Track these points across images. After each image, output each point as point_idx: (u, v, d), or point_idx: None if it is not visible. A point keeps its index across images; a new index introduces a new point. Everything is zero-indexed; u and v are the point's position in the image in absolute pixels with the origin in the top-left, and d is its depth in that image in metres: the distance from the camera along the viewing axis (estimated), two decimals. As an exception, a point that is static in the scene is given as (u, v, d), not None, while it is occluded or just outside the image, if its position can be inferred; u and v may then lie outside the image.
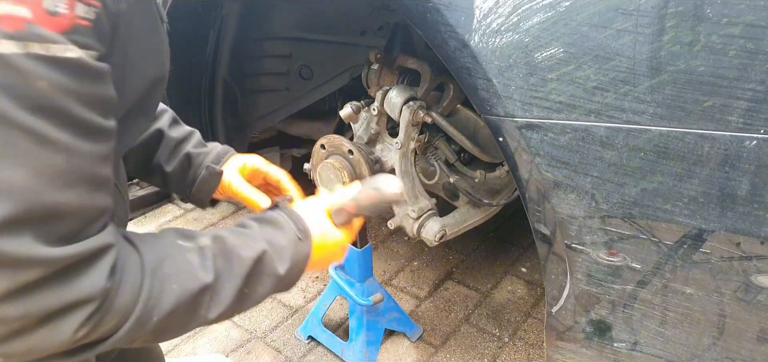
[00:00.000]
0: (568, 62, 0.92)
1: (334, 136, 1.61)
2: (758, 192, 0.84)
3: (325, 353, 1.96)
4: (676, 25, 0.84)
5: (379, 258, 2.44)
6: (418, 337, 2.00)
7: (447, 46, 1.04)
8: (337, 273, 1.86)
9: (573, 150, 0.96)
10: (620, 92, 0.89)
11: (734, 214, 0.87)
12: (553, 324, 1.16)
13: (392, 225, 1.62)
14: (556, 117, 0.95)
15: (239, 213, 2.81)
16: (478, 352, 1.95)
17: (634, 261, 0.99)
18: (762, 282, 0.91)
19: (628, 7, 0.87)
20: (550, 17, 0.93)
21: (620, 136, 0.91)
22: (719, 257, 0.92)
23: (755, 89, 0.81)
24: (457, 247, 2.48)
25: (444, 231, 1.57)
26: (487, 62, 0.99)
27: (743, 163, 0.84)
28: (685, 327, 1.00)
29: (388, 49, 1.76)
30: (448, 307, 2.16)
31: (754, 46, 0.80)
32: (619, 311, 1.06)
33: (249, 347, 2.00)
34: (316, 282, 2.32)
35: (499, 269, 2.36)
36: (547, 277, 1.13)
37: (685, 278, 0.96)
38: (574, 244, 1.03)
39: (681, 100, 0.86)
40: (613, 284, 1.03)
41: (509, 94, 0.98)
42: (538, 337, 2.00)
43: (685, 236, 0.93)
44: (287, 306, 2.19)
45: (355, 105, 1.66)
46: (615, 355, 1.11)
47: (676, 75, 0.85)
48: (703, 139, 0.86)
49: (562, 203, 1.00)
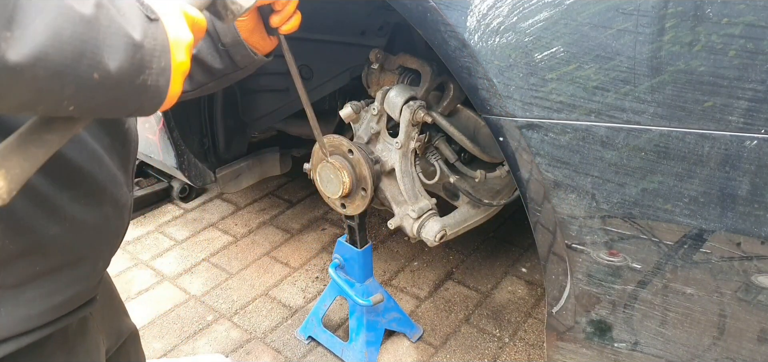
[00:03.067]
0: (569, 62, 0.92)
1: (334, 136, 1.61)
2: (758, 192, 0.84)
3: (325, 353, 1.96)
4: (676, 25, 0.84)
5: (379, 258, 2.44)
6: (418, 338, 2.00)
7: (447, 46, 1.04)
8: (337, 274, 1.86)
9: (573, 150, 0.96)
10: (620, 92, 0.89)
11: (735, 214, 0.87)
12: (553, 325, 1.16)
13: (392, 225, 1.62)
14: (556, 117, 0.95)
15: (239, 213, 2.81)
16: (479, 353, 1.94)
17: (635, 261, 0.99)
18: (762, 282, 0.90)
19: (628, 7, 0.87)
20: (550, 17, 0.93)
21: (621, 135, 0.91)
22: (720, 257, 0.92)
23: (755, 89, 0.80)
24: (457, 247, 2.48)
25: (444, 231, 1.57)
26: (487, 62, 0.99)
27: (744, 163, 0.84)
28: (686, 328, 1.00)
29: (388, 48, 1.76)
30: (448, 307, 2.15)
31: (754, 46, 0.80)
32: (619, 311, 1.05)
33: (249, 347, 2.00)
34: (316, 282, 2.32)
35: (499, 269, 2.36)
36: (548, 277, 1.13)
37: (686, 278, 0.96)
38: (574, 244, 1.03)
39: (681, 100, 0.86)
40: (614, 284, 1.03)
41: (509, 94, 0.98)
42: (538, 337, 2.00)
43: (685, 236, 0.93)
44: (287, 307, 2.19)
45: (356, 105, 1.66)
46: (615, 355, 1.10)
47: (677, 75, 0.85)
48: (703, 139, 0.86)
49: (563, 203, 1.00)
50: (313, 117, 1.34)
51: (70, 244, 0.78)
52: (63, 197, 0.75)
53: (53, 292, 0.77)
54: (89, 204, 0.79)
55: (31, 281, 0.75)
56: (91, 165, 0.79)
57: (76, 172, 0.76)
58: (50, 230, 0.74)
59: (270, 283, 2.33)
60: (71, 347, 0.88)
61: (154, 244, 2.62)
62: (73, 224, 0.77)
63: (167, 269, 2.45)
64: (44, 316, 0.77)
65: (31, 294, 0.75)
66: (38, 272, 0.75)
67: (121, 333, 1.12)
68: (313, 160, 1.69)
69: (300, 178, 2.98)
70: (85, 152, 0.78)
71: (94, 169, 0.79)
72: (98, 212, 0.81)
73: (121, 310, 1.16)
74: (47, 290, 0.77)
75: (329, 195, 1.66)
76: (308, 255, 2.50)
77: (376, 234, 2.60)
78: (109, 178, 0.83)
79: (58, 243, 0.76)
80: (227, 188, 2.27)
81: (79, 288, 0.81)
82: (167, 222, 2.79)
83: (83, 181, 0.78)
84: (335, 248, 1.89)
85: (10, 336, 0.75)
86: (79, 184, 0.77)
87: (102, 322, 1.01)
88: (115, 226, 0.87)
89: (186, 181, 2.28)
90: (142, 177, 2.99)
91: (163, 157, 2.05)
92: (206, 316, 2.16)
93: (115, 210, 0.85)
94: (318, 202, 2.82)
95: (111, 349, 1.08)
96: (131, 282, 2.37)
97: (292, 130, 2.43)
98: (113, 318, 1.10)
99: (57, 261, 0.77)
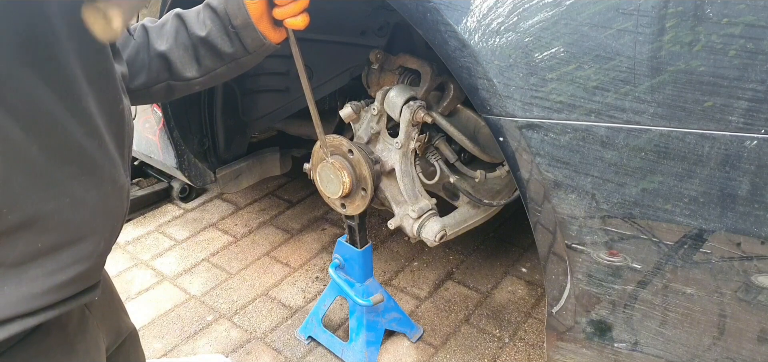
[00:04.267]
0: (569, 62, 0.92)
1: (334, 136, 1.61)
2: (759, 192, 0.84)
3: (325, 353, 1.95)
4: (676, 25, 0.84)
5: (379, 258, 2.44)
6: (418, 338, 2.00)
7: (447, 46, 1.04)
8: (337, 274, 1.86)
9: (573, 150, 0.96)
10: (620, 92, 0.89)
11: (735, 214, 0.87)
12: (553, 325, 1.16)
13: (392, 225, 1.62)
14: (556, 117, 0.95)
15: (239, 213, 2.82)
16: (479, 353, 1.94)
17: (635, 261, 0.99)
18: (762, 282, 0.90)
19: (628, 7, 0.87)
20: (550, 17, 0.93)
21: (621, 135, 0.91)
22: (720, 257, 0.92)
23: (755, 89, 0.80)
24: (457, 247, 2.48)
25: (444, 231, 1.57)
26: (487, 62, 0.99)
27: (744, 163, 0.84)
28: (686, 328, 1.00)
29: (388, 48, 1.76)
30: (448, 307, 2.15)
31: (754, 46, 0.80)
32: (619, 311, 1.05)
33: (249, 347, 2.00)
34: (316, 282, 2.32)
35: (499, 269, 2.36)
36: (548, 277, 1.13)
37: (686, 278, 0.96)
38: (574, 244, 1.03)
39: (681, 100, 0.86)
40: (614, 284, 1.03)
41: (509, 94, 0.98)
42: (538, 338, 1.99)
43: (685, 236, 0.93)
44: (287, 307, 2.19)
45: (356, 104, 1.66)
46: (615, 355, 1.10)
47: (677, 75, 0.85)
48: (703, 139, 0.86)
49: (563, 203, 1.00)
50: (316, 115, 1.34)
51: (70, 222, 0.79)
52: (62, 172, 0.76)
53: (55, 271, 0.78)
54: (89, 183, 0.80)
55: (33, 259, 0.76)
56: (91, 143, 0.79)
57: (75, 147, 0.77)
58: (49, 204, 0.75)
59: (270, 283, 2.33)
60: (71, 345, 0.88)
61: (154, 244, 2.62)
62: (73, 200, 0.78)
63: (167, 269, 2.45)
64: (47, 296, 0.77)
65: (33, 273, 0.76)
66: (40, 250, 0.76)
67: (121, 332, 1.13)
68: (313, 160, 1.69)
69: (300, 177, 2.99)
70: (85, 129, 0.78)
71: (93, 147, 0.80)
72: (98, 191, 0.82)
73: (120, 309, 1.16)
74: (49, 269, 0.77)
75: (329, 195, 1.66)
76: (308, 255, 2.50)
77: (376, 234, 2.60)
78: (107, 157, 0.83)
79: (58, 219, 0.77)
80: (227, 188, 2.27)
81: (81, 269, 0.82)
82: (167, 222, 2.79)
83: (82, 158, 0.79)
84: (335, 248, 1.89)
85: (15, 316, 0.75)
86: (78, 161, 0.78)
87: (102, 321, 1.01)
88: (114, 207, 0.88)
89: (186, 181, 2.28)
90: (142, 177, 2.99)
91: (163, 157, 2.05)
92: (206, 316, 2.16)
93: (114, 190, 0.86)
94: (318, 202, 2.82)
95: (110, 348, 1.09)
96: (131, 282, 2.37)
97: (292, 130, 2.43)
98: (113, 317, 1.10)
99: (58, 239, 0.78)
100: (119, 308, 1.16)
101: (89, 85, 0.78)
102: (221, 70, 1.16)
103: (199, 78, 1.15)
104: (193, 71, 1.14)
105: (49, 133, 0.73)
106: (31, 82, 0.70)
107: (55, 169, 0.75)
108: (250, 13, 1.09)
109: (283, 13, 1.12)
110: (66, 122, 0.75)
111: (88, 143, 0.79)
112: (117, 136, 0.87)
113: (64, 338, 0.87)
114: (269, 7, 1.12)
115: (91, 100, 0.79)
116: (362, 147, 1.59)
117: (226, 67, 1.16)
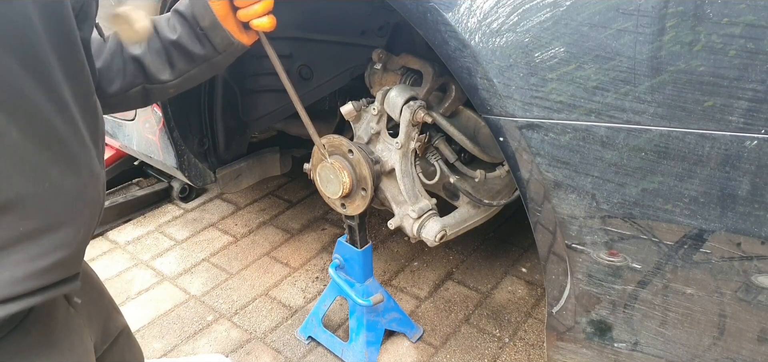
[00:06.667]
0: (569, 62, 0.92)
1: (334, 136, 1.61)
2: (759, 192, 0.84)
3: (325, 353, 1.96)
4: (676, 25, 0.84)
5: (379, 258, 2.44)
6: (418, 338, 2.00)
7: (447, 46, 1.04)
8: (337, 274, 1.86)
9: (573, 150, 0.96)
10: (621, 92, 0.89)
11: (735, 214, 0.87)
12: (553, 325, 1.16)
13: (392, 225, 1.62)
14: (556, 117, 0.95)
15: (239, 213, 2.82)
16: (479, 353, 1.94)
17: (635, 261, 0.99)
18: (762, 282, 0.90)
19: (628, 7, 0.87)
20: (550, 17, 0.93)
21: (621, 135, 0.91)
22: (720, 257, 0.92)
23: (755, 89, 0.80)
24: (457, 247, 2.48)
25: (444, 231, 1.57)
26: (487, 62, 0.99)
27: (744, 163, 0.84)
28: (686, 328, 1.00)
29: (388, 48, 1.76)
30: (448, 307, 2.15)
31: (754, 46, 0.80)
32: (619, 311, 1.05)
33: (249, 347, 2.00)
34: (316, 282, 2.33)
35: (499, 269, 2.36)
36: (548, 277, 1.13)
37: (686, 278, 0.96)
38: (574, 244, 1.03)
39: (681, 100, 0.86)
40: (614, 284, 1.03)
41: (509, 94, 0.98)
42: (538, 338, 2.00)
43: (685, 236, 0.93)
44: (287, 307, 2.19)
45: (356, 103, 1.66)
46: (615, 355, 1.11)
47: (677, 75, 0.85)
48: (703, 139, 0.86)
49: (563, 203, 1.00)
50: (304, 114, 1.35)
51: (51, 207, 0.81)
52: (42, 156, 0.78)
53: (36, 257, 0.79)
54: (67, 169, 0.83)
55: (14, 244, 0.77)
56: (67, 130, 0.82)
57: (54, 133, 0.80)
58: (29, 187, 0.77)
59: (270, 283, 2.33)
60: (55, 341, 0.90)
61: (154, 244, 2.62)
62: (52, 185, 0.80)
63: (167, 269, 2.45)
64: (29, 282, 0.79)
65: (15, 257, 0.77)
66: (21, 234, 0.78)
67: (110, 331, 1.14)
68: (313, 160, 1.69)
69: (300, 177, 2.99)
70: (62, 117, 0.81)
71: (70, 135, 0.83)
72: (76, 178, 0.85)
73: (111, 308, 1.17)
74: (31, 254, 0.79)
75: (329, 196, 1.66)
76: (308, 255, 2.50)
77: (376, 234, 2.60)
78: (83, 146, 0.86)
79: (39, 203, 0.79)
80: (227, 188, 2.27)
81: (61, 256, 0.83)
82: (167, 222, 2.79)
83: (61, 144, 0.81)
84: (335, 248, 1.89)
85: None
86: (57, 146, 0.81)
87: (89, 319, 1.03)
88: (92, 196, 0.90)
89: (186, 181, 2.28)
90: (142, 177, 2.99)
91: (163, 157, 2.05)
92: (206, 316, 2.16)
93: (91, 178, 0.88)
94: (318, 202, 2.82)
95: (101, 347, 1.09)
96: (131, 282, 2.37)
97: (292, 130, 2.43)
98: (101, 316, 1.11)
99: (39, 224, 0.80)
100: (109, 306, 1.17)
101: (64, 76, 0.81)
102: (194, 71, 1.19)
103: (174, 80, 1.18)
104: (167, 74, 1.16)
105: (29, 118, 0.76)
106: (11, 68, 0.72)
107: (34, 153, 0.77)
108: (215, 12, 1.12)
109: (246, 14, 1.15)
110: (44, 108, 0.77)
111: (65, 130, 0.82)
112: (91, 126, 0.90)
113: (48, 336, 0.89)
114: (233, 8, 1.14)
115: (66, 89, 0.82)
116: (362, 147, 1.59)
117: (199, 68, 1.19)
